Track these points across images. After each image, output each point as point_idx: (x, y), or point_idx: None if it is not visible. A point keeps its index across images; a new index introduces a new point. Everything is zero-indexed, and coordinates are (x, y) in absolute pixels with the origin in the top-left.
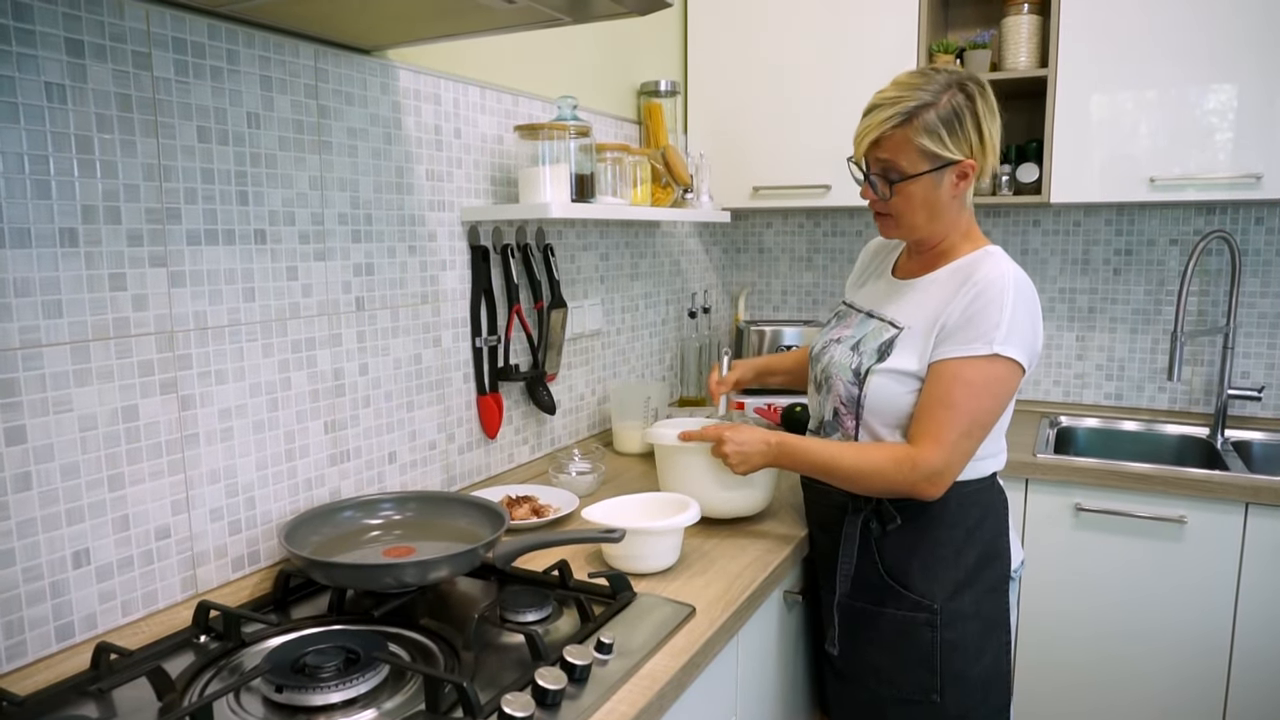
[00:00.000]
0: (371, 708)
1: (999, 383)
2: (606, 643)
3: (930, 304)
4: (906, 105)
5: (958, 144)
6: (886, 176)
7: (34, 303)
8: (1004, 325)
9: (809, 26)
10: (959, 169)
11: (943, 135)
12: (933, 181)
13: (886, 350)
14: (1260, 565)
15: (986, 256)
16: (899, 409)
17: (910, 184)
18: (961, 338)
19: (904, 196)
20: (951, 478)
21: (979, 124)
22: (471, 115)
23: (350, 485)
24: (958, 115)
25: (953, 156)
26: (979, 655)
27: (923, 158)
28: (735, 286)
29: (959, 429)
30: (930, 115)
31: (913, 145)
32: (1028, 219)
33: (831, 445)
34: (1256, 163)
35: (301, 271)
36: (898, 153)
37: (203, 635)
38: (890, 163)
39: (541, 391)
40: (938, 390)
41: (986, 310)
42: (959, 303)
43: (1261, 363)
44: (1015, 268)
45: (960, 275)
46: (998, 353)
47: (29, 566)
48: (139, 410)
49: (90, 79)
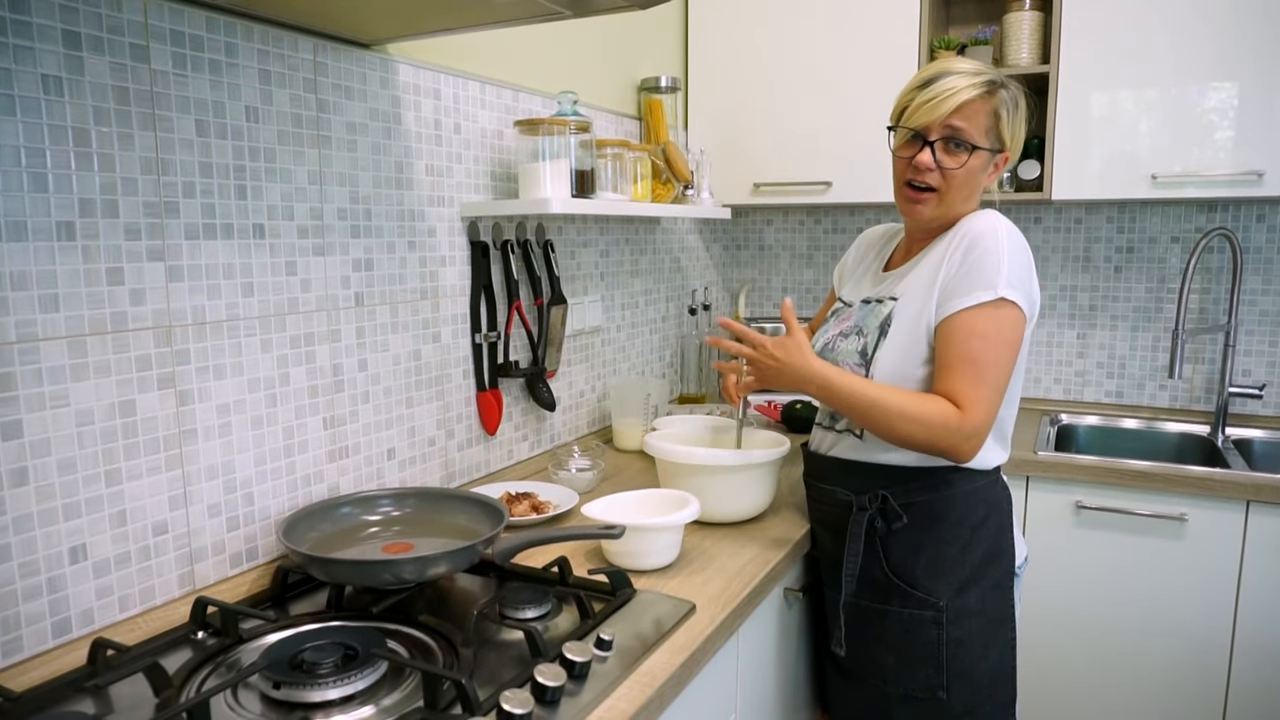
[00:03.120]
0: (370, 704)
1: (1010, 328)
2: (606, 639)
3: (925, 270)
4: (988, 77)
5: (1010, 132)
6: (954, 143)
7: (30, 296)
8: (1004, 270)
9: (810, 22)
10: (997, 159)
11: (1009, 116)
12: (986, 160)
13: (887, 324)
14: (1261, 563)
15: (976, 214)
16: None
17: (974, 157)
18: (965, 287)
19: (965, 168)
20: (985, 438)
21: (1023, 119)
22: (471, 110)
23: (349, 481)
24: (1015, 104)
25: (1005, 142)
26: (985, 652)
27: (990, 132)
28: (735, 283)
29: (989, 383)
30: (1005, 94)
31: (990, 116)
32: (1029, 216)
33: (874, 387)
34: (1258, 160)
35: (300, 266)
36: (975, 120)
37: (200, 631)
38: (964, 131)
39: (541, 388)
40: (956, 346)
41: (985, 258)
42: (954, 255)
43: (1263, 360)
44: (1005, 219)
45: (950, 234)
46: (1003, 296)
47: (25, 562)
48: (136, 405)
49: (87, 72)
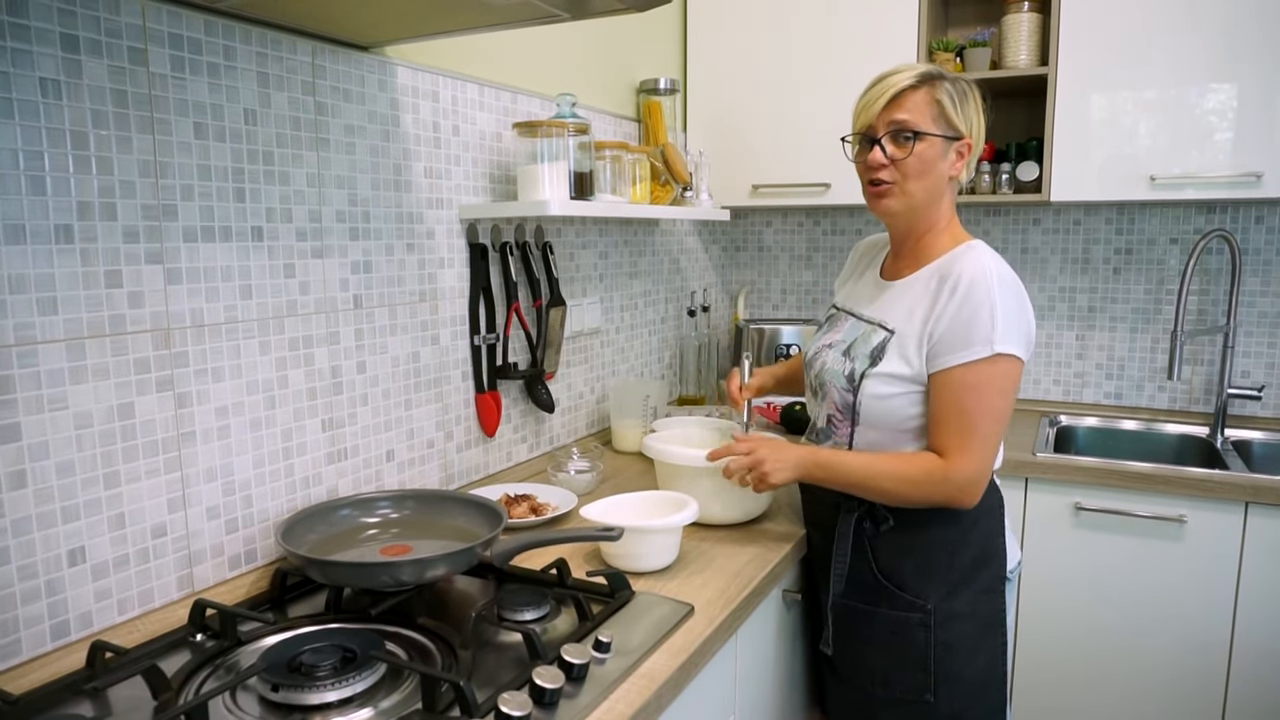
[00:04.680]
0: (368, 706)
1: (1005, 379)
2: (604, 641)
3: (917, 308)
4: (922, 70)
5: (963, 119)
6: (900, 135)
7: (29, 299)
8: (998, 324)
9: (809, 24)
10: (958, 146)
11: (956, 103)
12: (940, 149)
13: (879, 355)
14: (1260, 565)
15: (967, 251)
16: (894, 414)
17: (924, 144)
18: (960, 344)
19: (914, 156)
20: (984, 483)
21: (978, 108)
22: (470, 112)
23: (348, 483)
24: (963, 94)
25: (960, 129)
26: (973, 656)
27: (938, 121)
28: (734, 285)
29: (981, 434)
30: (945, 83)
31: (931, 104)
32: (1028, 218)
33: (863, 458)
34: (1256, 162)
35: (299, 269)
36: (916, 110)
37: (199, 634)
38: (907, 122)
39: (540, 390)
40: (949, 399)
41: (978, 314)
42: (947, 308)
43: (1261, 362)
44: (995, 260)
45: (940, 272)
46: (998, 352)
47: (24, 564)
48: (135, 408)
49: (86, 75)
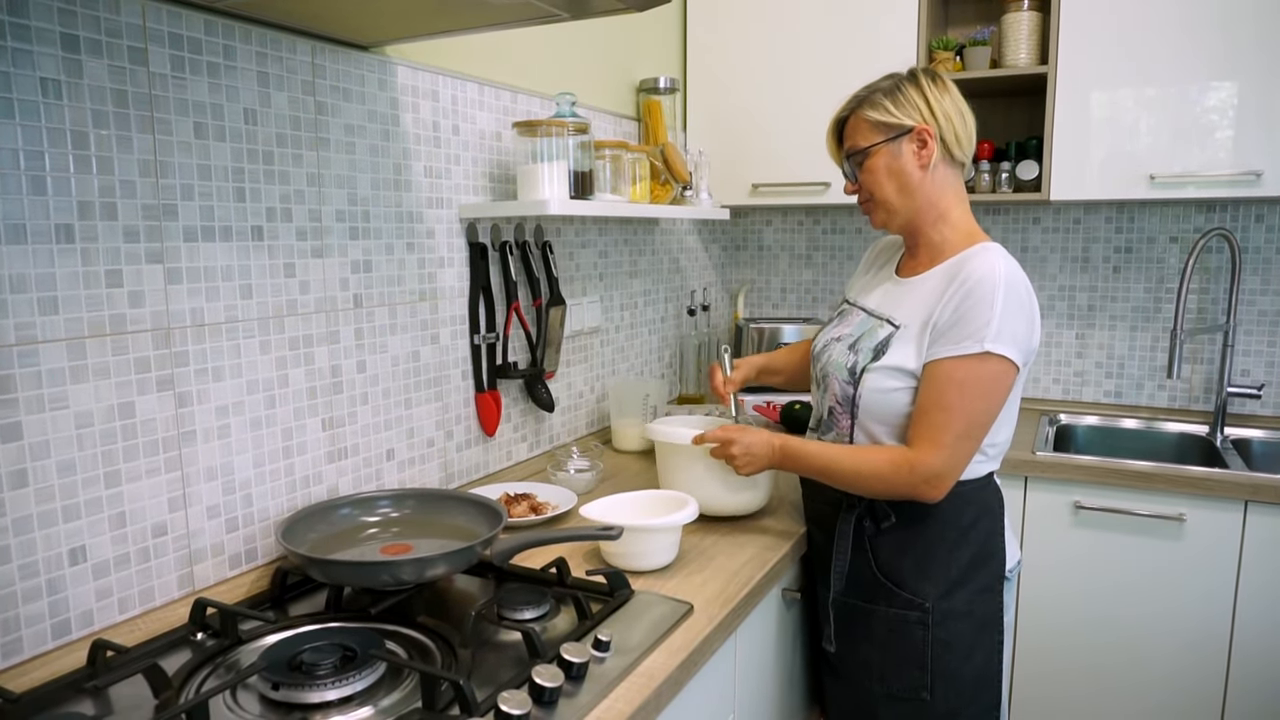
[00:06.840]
0: (368, 705)
1: (992, 381)
2: (604, 640)
3: (925, 302)
4: (855, 95)
5: (904, 111)
6: (854, 160)
7: (30, 299)
8: (994, 323)
9: (809, 23)
10: (915, 136)
11: (887, 105)
12: (890, 151)
13: (883, 349)
14: (1259, 563)
15: (981, 252)
16: (894, 408)
17: (870, 158)
18: (953, 337)
19: (868, 173)
20: (952, 479)
21: (923, 93)
22: (470, 112)
23: (348, 483)
24: (898, 87)
25: (902, 122)
26: (970, 654)
27: (874, 130)
28: (734, 284)
29: (955, 430)
30: (875, 95)
31: (864, 123)
32: (1027, 216)
33: (831, 448)
34: (1256, 160)
35: (299, 268)
36: (854, 134)
37: (199, 632)
38: (851, 146)
39: (540, 389)
40: (932, 392)
41: (976, 308)
42: (950, 301)
43: (1261, 360)
44: (1008, 262)
45: (951, 271)
46: (989, 350)
47: (25, 563)
48: (135, 407)
49: (86, 75)
